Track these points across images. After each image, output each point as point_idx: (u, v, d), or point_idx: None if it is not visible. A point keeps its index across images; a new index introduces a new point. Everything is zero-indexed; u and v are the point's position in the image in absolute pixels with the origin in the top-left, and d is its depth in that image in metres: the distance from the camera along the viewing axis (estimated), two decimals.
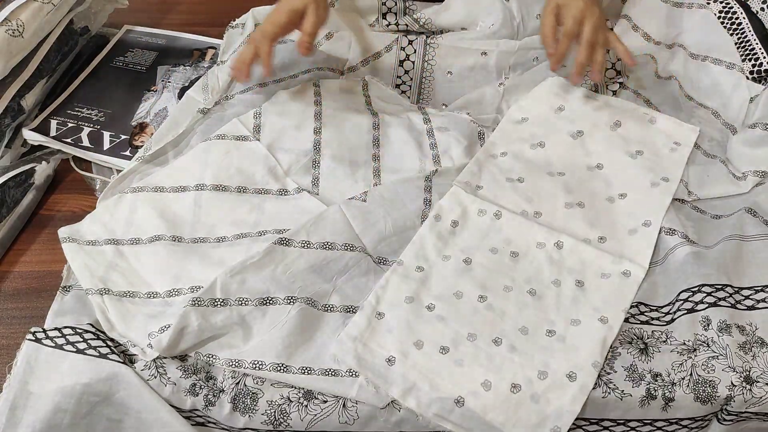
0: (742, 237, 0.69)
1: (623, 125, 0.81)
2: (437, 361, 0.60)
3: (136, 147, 0.81)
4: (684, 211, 0.74)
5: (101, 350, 0.59)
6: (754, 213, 0.72)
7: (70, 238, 0.70)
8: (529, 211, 0.73)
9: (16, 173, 0.75)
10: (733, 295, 0.64)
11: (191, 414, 0.60)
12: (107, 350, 0.59)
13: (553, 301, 0.65)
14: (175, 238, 0.69)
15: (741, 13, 0.87)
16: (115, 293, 0.65)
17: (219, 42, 0.98)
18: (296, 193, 0.76)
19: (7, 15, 0.74)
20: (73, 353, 0.59)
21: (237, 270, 0.64)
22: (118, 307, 0.64)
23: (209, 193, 0.73)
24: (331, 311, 0.64)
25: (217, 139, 0.77)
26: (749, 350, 0.61)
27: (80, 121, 0.83)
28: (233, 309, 0.61)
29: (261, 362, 0.59)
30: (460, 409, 0.58)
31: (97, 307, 0.63)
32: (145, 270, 0.67)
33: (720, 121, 0.84)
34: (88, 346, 0.59)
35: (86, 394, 0.58)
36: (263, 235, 0.70)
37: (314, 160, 0.78)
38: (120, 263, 0.68)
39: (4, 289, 0.69)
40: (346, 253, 0.67)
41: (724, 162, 0.79)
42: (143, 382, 0.58)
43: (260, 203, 0.74)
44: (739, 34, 0.86)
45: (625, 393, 0.59)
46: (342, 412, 0.59)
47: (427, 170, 0.77)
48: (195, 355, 0.60)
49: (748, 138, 0.78)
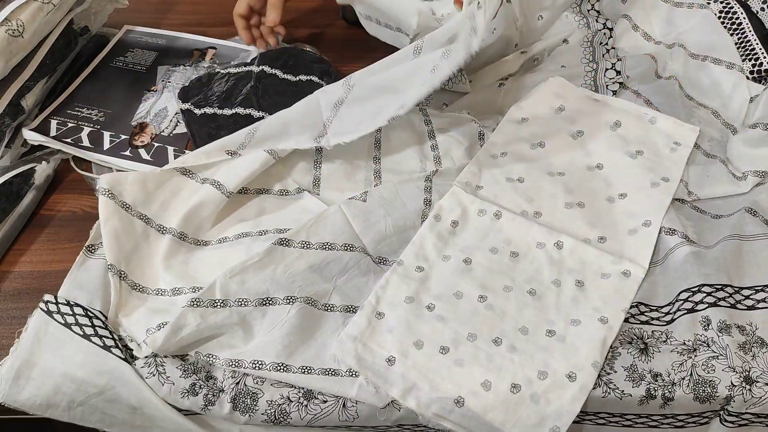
0: (742, 237, 0.69)
1: (623, 125, 0.81)
2: (437, 361, 0.60)
3: (136, 147, 0.81)
4: (684, 211, 0.74)
5: (106, 341, 0.59)
6: (755, 213, 0.72)
7: (109, 192, 0.69)
8: (529, 211, 0.73)
9: (16, 173, 0.75)
10: (733, 295, 0.64)
11: (188, 413, 0.60)
12: (112, 342, 0.59)
13: (553, 301, 0.65)
14: (182, 236, 0.70)
15: (741, 13, 0.87)
16: (129, 282, 0.65)
17: (219, 42, 0.98)
18: (297, 193, 0.76)
19: (7, 15, 0.74)
20: (79, 336, 0.59)
21: (236, 271, 0.64)
22: (126, 296, 0.64)
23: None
24: (331, 311, 0.64)
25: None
26: (749, 350, 0.61)
27: (80, 121, 0.83)
28: (233, 309, 0.61)
29: (261, 362, 0.59)
30: (460, 409, 0.58)
31: (114, 289, 0.63)
32: (156, 262, 0.68)
33: (720, 120, 0.84)
34: (95, 333, 0.60)
35: (85, 383, 0.58)
36: (264, 235, 0.70)
37: (315, 160, 0.78)
38: (143, 246, 0.68)
39: (4, 289, 0.69)
40: (346, 253, 0.67)
41: (724, 162, 0.79)
42: (141, 380, 0.58)
43: (261, 203, 0.75)
44: (740, 34, 0.86)
45: (625, 393, 0.59)
46: (342, 412, 0.59)
47: (427, 171, 0.77)
48: (195, 354, 0.60)
49: (748, 138, 0.78)
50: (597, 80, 0.88)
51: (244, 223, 0.72)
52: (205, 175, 0.73)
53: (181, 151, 0.81)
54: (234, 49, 0.97)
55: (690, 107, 0.86)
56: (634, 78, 0.88)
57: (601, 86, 0.87)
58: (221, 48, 0.97)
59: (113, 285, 0.64)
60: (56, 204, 0.77)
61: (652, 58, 0.90)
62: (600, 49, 0.90)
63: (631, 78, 0.88)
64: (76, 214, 0.76)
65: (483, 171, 0.77)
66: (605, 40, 0.91)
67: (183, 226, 0.70)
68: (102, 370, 0.58)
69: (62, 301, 0.62)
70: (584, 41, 0.91)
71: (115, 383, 0.58)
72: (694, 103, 0.86)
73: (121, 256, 0.66)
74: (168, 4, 1.08)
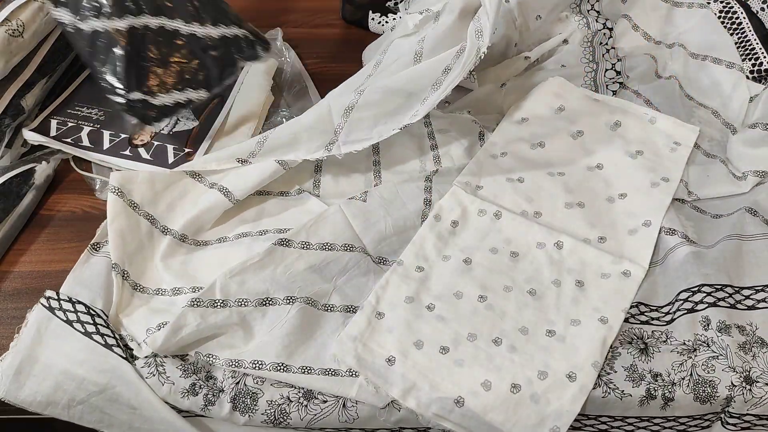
0: (742, 236, 0.69)
1: (623, 125, 0.81)
2: (437, 361, 0.60)
3: (135, 146, 0.81)
4: (684, 211, 0.74)
5: (108, 339, 0.59)
6: (755, 212, 0.72)
7: (118, 191, 0.69)
8: (529, 211, 0.73)
9: (16, 173, 0.75)
10: (733, 295, 0.64)
11: (187, 414, 0.60)
12: (113, 341, 0.59)
13: (553, 301, 0.65)
14: (183, 237, 0.70)
15: (741, 12, 0.87)
16: (130, 282, 0.65)
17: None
18: (297, 194, 0.76)
19: (7, 15, 0.73)
20: (80, 334, 0.59)
21: (236, 271, 0.64)
22: (127, 296, 0.64)
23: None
24: (331, 311, 0.64)
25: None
26: (749, 350, 0.61)
27: (80, 120, 0.83)
28: (233, 310, 0.61)
29: (261, 362, 0.59)
30: (460, 409, 0.58)
31: (116, 288, 0.64)
32: (157, 262, 0.68)
33: (720, 120, 0.84)
34: (96, 331, 0.59)
35: (86, 381, 0.58)
36: (264, 235, 0.70)
37: (316, 163, 0.78)
38: (146, 246, 0.68)
39: (4, 289, 0.69)
40: (346, 254, 0.67)
41: (724, 162, 0.79)
42: (142, 380, 0.58)
43: (261, 204, 0.75)
44: (739, 34, 0.86)
45: (625, 393, 0.59)
46: (342, 412, 0.59)
47: (427, 171, 0.77)
48: (195, 354, 0.60)
49: (748, 138, 0.78)
50: (597, 80, 0.88)
51: (244, 224, 0.72)
52: (213, 179, 0.73)
53: (181, 150, 0.81)
54: None
55: (690, 107, 0.86)
56: (634, 78, 0.88)
57: (601, 86, 0.87)
58: None
59: (116, 284, 0.64)
60: (56, 204, 0.77)
61: (652, 57, 0.90)
62: (600, 49, 0.90)
63: (631, 78, 0.88)
64: (76, 214, 0.76)
65: (483, 171, 0.77)
66: (605, 40, 0.91)
67: (186, 229, 0.70)
68: (103, 369, 0.58)
69: (64, 297, 0.62)
70: (584, 41, 0.91)
71: (116, 382, 0.58)
72: (694, 103, 0.86)
73: (125, 255, 0.66)
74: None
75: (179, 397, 0.58)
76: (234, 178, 0.73)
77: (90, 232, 0.73)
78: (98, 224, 0.74)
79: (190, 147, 0.81)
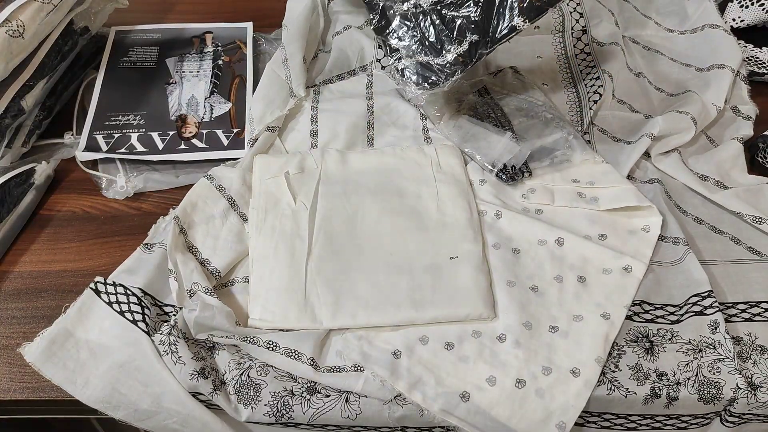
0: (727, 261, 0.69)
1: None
2: (442, 357, 0.60)
3: (188, 139, 0.81)
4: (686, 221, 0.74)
5: (135, 315, 0.61)
6: (738, 241, 0.72)
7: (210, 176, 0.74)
8: (530, 209, 0.73)
9: (16, 173, 0.75)
10: (726, 310, 0.65)
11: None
12: (140, 317, 0.61)
13: (556, 297, 0.65)
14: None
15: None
16: (185, 238, 0.68)
17: (212, 26, 0.98)
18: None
19: (8, 15, 0.73)
20: (117, 314, 0.61)
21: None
22: (178, 244, 0.67)
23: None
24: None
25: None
26: (748, 358, 0.61)
27: (123, 128, 0.83)
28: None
29: (276, 343, 0.59)
30: (466, 403, 0.57)
31: (172, 233, 0.66)
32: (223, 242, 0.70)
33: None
34: (128, 309, 0.62)
35: (110, 352, 0.59)
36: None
37: (311, 143, 0.81)
38: (217, 220, 0.71)
39: (4, 289, 0.68)
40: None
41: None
42: (158, 356, 0.59)
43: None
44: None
45: (630, 391, 0.59)
46: (345, 407, 0.58)
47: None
48: (209, 336, 0.61)
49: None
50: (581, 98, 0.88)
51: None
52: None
53: (230, 131, 0.83)
54: (228, 29, 0.98)
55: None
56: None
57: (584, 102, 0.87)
58: (217, 30, 0.98)
59: (172, 230, 0.66)
60: (56, 204, 0.77)
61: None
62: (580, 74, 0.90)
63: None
64: (76, 214, 0.76)
65: (483, 171, 0.77)
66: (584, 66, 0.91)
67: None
68: (128, 342, 0.59)
69: (109, 282, 0.64)
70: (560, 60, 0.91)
71: (135, 356, 0.59)
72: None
73: (187, 219, 0.69)
74: (167, 3, 1.08)
75: (188, 378, 0.58)
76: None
77: (90, 232, 0.73)
78: (98, 224, 0.74)
79: (235, 126, 0.84)
